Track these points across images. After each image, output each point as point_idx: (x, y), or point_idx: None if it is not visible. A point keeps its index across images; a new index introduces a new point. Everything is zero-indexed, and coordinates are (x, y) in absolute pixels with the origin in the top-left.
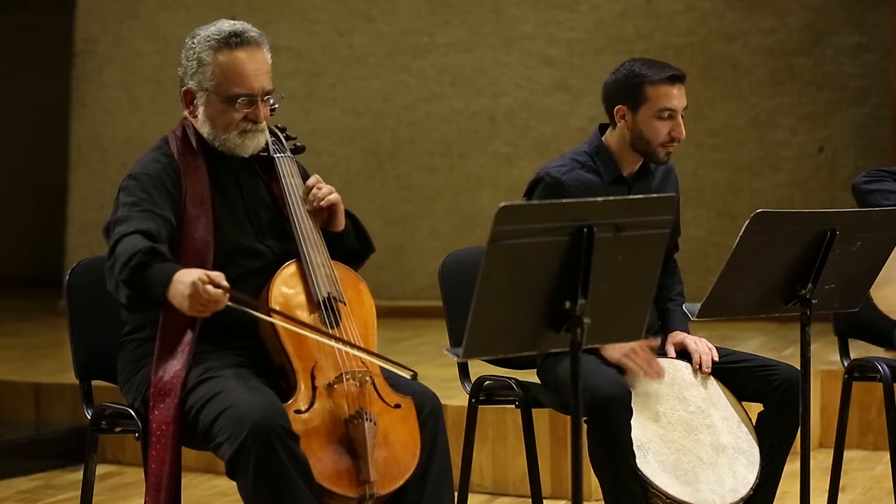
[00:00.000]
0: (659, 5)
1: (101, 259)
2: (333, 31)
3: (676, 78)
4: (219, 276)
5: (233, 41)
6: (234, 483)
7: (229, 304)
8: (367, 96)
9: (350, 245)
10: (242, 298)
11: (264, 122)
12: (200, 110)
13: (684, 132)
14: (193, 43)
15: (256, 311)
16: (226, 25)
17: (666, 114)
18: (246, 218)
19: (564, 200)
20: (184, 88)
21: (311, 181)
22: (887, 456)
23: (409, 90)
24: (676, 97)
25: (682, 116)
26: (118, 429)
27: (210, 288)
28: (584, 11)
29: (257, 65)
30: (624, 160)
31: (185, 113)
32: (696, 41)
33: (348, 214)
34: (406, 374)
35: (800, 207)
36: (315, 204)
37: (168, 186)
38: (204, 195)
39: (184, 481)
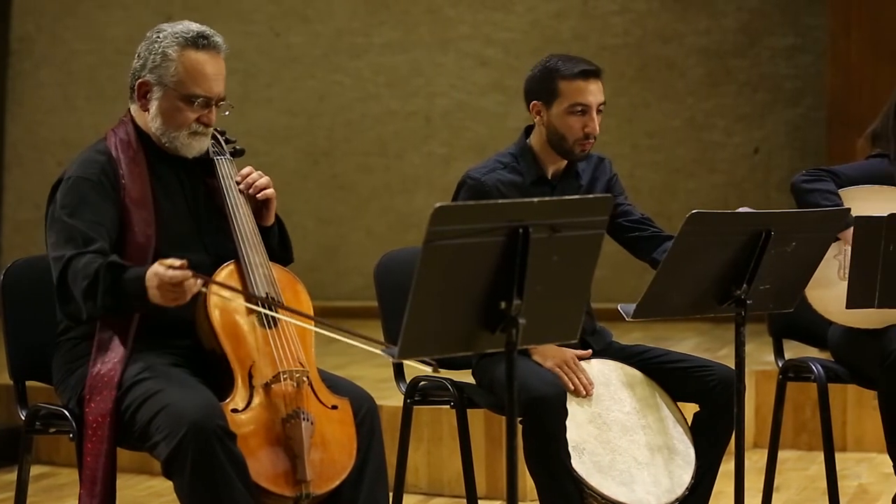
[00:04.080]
0: (595, 6)
1: (37, 259)
2: (269, 32)
3: (589, 73)
4: (173, 260)
5: (200, 42)
6: (170, 484)
7: (203, 289)
8: (303, 96)
9: (272, 245)
10: (212, 280)
11: (212, 127)
12: (154, 104)
13: (598, 128)
14: (159, 37)
15: (236, 292)
16: (194, 26)
17: (579, 109)
18: (187, 214)
19: (501, 201)
20: (140, 80)
21: (245, 170)
22: (821, 456)
23: (344, 90)
24: (589, 92)
25: (598, 112)
26: (53, 429)
27: (170, 271)
28: (520, 12)
29: (218, 70)
30: (546, 159)
31: (134, 106)
32: (631, 42)
33: (277, 218)
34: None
35: (735, 208)
36: (251, 191)
37: (107, 188)
38: (144, 192)
39: (119, 482)
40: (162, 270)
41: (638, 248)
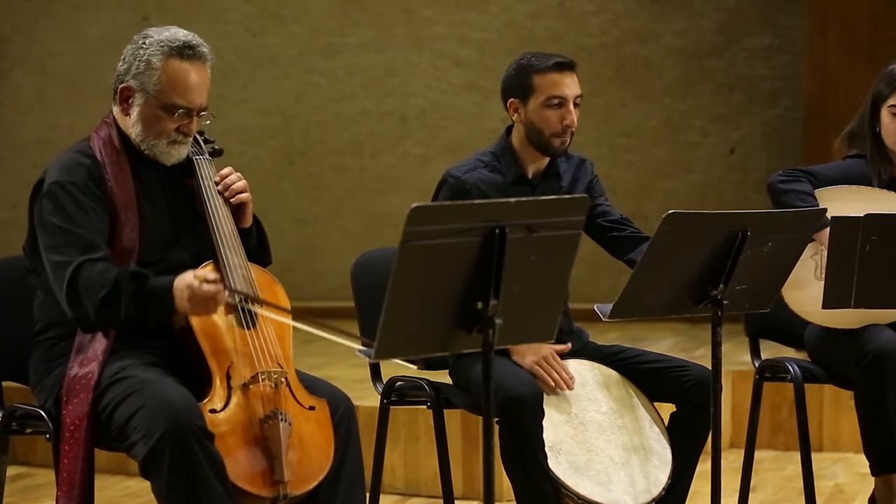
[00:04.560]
0: (571, 6)
1: (13, 259)
2: (245, 32)
3: (563, 65)
4: (208, 272)
5: (186, 52)
6: (146, 484)
7: (229, 299)
8: (279, 97)
9: (249, 246)
10: (239, 290)
11: (191, 136)
12: (135, 110)
13: (576, 120)
14: (145, 43)
15: (254, 301)
16: (180, 34)
17: (555, 101)
18: (167, 218)
19: (477, 201)
20: (123, 85)
21: (225, 171)
22: (797, 456)
23: (320, 90)
24: (565, 84)
25: (575, 105)
26: (29, 430)
27: (206, 286)
28: (495, 12)
29: (202, 80)
30: (527, 159)
31: (116, 109)
32: (608, 42)
33: (255, 220)
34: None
35: (712, 208)
36: (228, 193)
37: (96, 192)
38: (130, 196)
39: (95, 482)
40: (196, 285)
41: (616, 248)
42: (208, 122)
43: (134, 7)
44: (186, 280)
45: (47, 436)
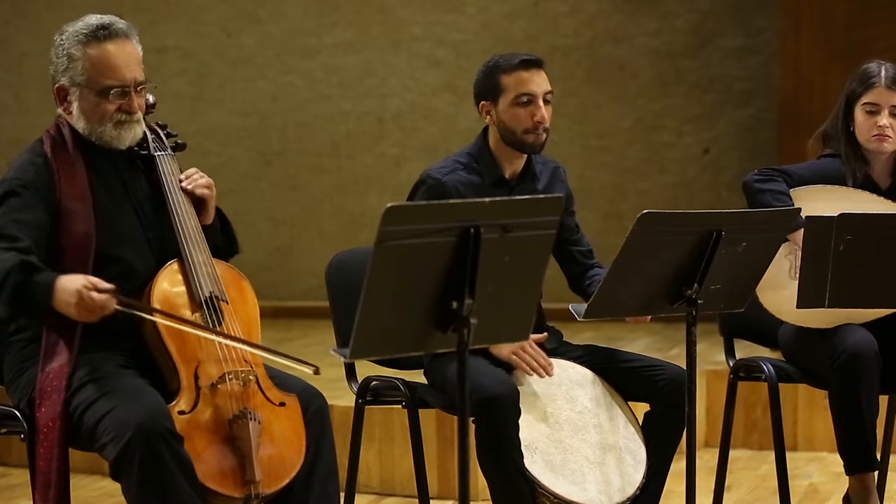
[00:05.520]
0: (546, 7)
1: None
2: (221, 32)
3: (529, 63)
4: (100, 281)
5: (101, 34)
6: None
7: (117, 307)
8: (255, 97)
9: (215, 241)
10: (128, 301)
11: (139, 113)
12: (74, 106)
13: (547, 116)
14: (62, 39)
15: (142, 312)
16: (93, 19)
17: (524, 99)
18: (130, 209)
19: (452, 201)
20: (56, 86)
21: (189, 171)
22: (772, 455)
23: (296, 91)
24: (532, 82)
25: (546, 101)
26: (4, 430)
27: (95, 294)
28: (472, 13)
29: (127, 56)
30: (504, 160)
31: (60, 110)
32: (582, 43)
33: (219, 212)
34: (307, 370)
35: (685, 208)
36: (191, 186)
37: (40, 188)
38: (83, 189)
39: (70, 482)
40: (85, 293)
41: (573, 280)
42: (149, 96)
43: (108, 8)
44: (76, 284)
45: (22, 436)
